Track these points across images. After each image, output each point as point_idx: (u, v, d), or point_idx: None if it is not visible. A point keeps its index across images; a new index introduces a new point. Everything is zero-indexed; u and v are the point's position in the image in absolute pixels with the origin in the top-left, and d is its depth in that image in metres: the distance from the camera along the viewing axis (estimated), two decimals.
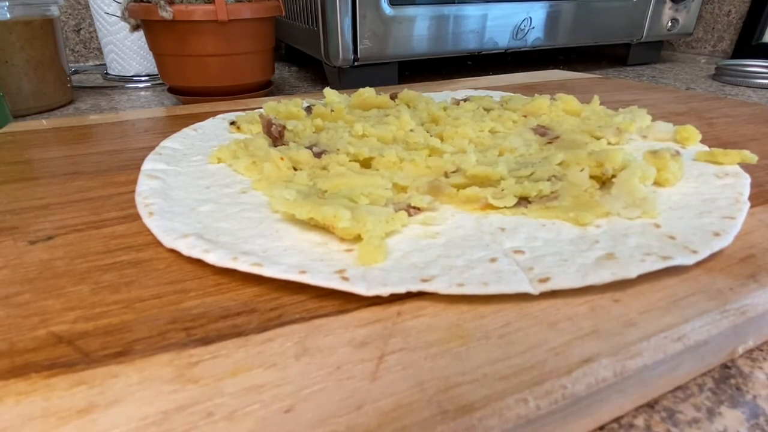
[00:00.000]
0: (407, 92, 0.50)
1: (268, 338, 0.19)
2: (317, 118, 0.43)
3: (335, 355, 0.18)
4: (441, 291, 0.21)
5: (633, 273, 0.21)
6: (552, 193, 0.29)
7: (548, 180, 0.30)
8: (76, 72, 0.92)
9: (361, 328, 0.20)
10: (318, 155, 0.35)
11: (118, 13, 0.68)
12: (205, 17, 0.60)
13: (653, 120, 0.43)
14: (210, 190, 0.32)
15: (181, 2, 0.60)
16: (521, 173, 0.31)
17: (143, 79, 0.85)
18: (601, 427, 0.19)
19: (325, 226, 0.26)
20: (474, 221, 0.28)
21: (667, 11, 0.95)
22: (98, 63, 1.01)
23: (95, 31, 0.92)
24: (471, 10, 0.79)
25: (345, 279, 0.22)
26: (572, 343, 0.18)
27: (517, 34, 0.84)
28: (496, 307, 0.21)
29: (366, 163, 0.34)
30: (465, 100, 0.51)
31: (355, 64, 0.75)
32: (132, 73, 0.85)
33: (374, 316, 0.20)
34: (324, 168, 0.33)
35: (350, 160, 0.34)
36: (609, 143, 0.38)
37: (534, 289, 0.21)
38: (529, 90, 0.63)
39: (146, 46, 0.69)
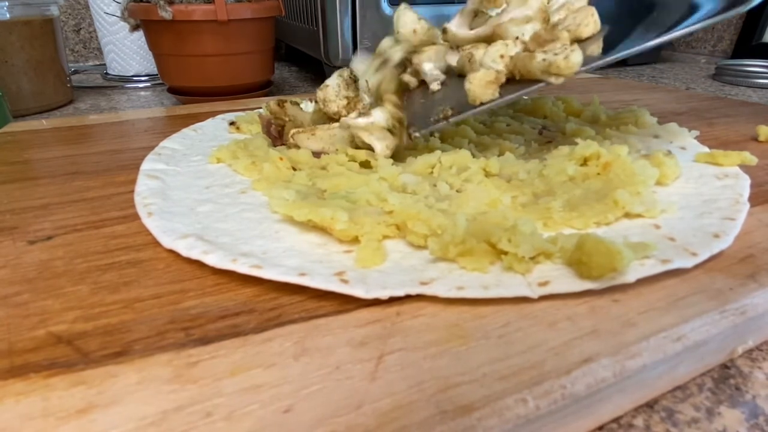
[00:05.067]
0: None
1: (267, 338, 0.19)
2: None
3: (334, 355, 0.18)
4: (440, 294, 0.21)
5: (632, 278, 0.21)
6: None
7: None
8: (76, 72, 0.92)
9: (360, 328, 0.20)
10: (317, 155, 0.35)
11: (118, 13, 0.68)
12: (204, 17, 0.60)
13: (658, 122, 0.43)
14: (209, 191, 0.32)
15: (181, 2, 0.60)
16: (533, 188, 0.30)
17: (143, 79, 0.85)
18: (601, 427, 0.19)
19: (323, 227, 0.26)
20: None
21: None
22: (98, 63, 1.01)
23: (95, 31, 0.92)
24: None
25: (344, 282, 0.22)
26: (572, 343, 0.18)
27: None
28: (495, 307, 0.21)
29: (366, 163, 0.34)
30: None
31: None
32: (132, 73, 0.85)
33: (373, 316, 0.20)
34: (323, 168, 0.33)
35: (349, 160, 0.34)
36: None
37: (533, 293, 0.21)
38: None
39: (146, 46, 0.69)
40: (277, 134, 0.39)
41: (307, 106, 0.39)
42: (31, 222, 0.29)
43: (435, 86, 0.36)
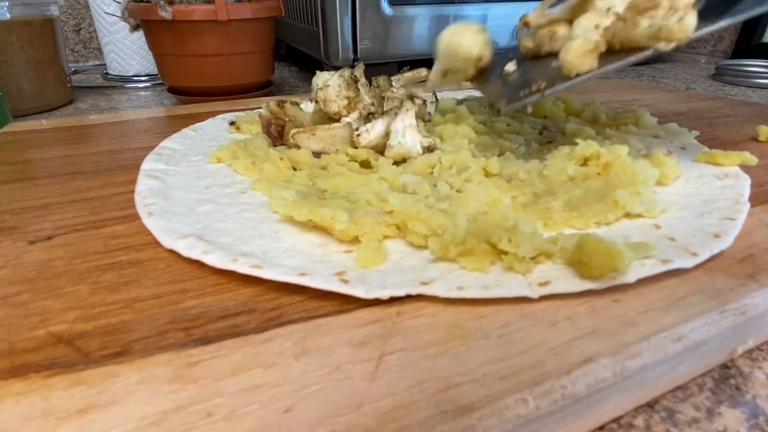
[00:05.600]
0: None
1: (268, 338, 0.19)
2: None
3: (334, 355, 0.18)
4: (441, 294, 0.21)
5: (632, 278, 0.21)
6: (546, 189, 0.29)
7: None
8: (76, 72, 0.92)
9: (360, 328, 0.20)
10: (317, 155, 0.35)
11: (118, 13, 0.68)
12: (204, 17, 0.60)
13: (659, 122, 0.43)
14: (209, 190, 0.32)
15: (181, 2, 0.60)
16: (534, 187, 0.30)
17: (143, 79, 0.85)
18: (601, 427, 0.19)
19: (323, 227, 0.26)
20: None
21: None
22: (98, 63, 1.01)
23: (95, 31, 0.92)
24: (471, 10, 0.79)
25: (344, 281, 0.22)
26: (572, 343, 0.18)
27: (517, 34, 0.84)
28: (495, 307, 0.21)
29: (366, 163, 0.34)
30: (464, 101, 0.51)
31: (355, 64, 0.75)
32: (132, 73, 0.85)
33: (374, 316, 0.20)
34: (323, 168, 0.33)
35: (349, 160, 0.34)
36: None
37: (533, 293, 0.21)
38: None
39: (146, 46, 0.69)
40: (277, 134, 0.39)
41: (307, 106, 0.39)
42: (31, 222, 0.29)
43: (511, 67, 0.36)
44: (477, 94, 0.59)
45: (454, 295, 0.21)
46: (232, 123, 0.46)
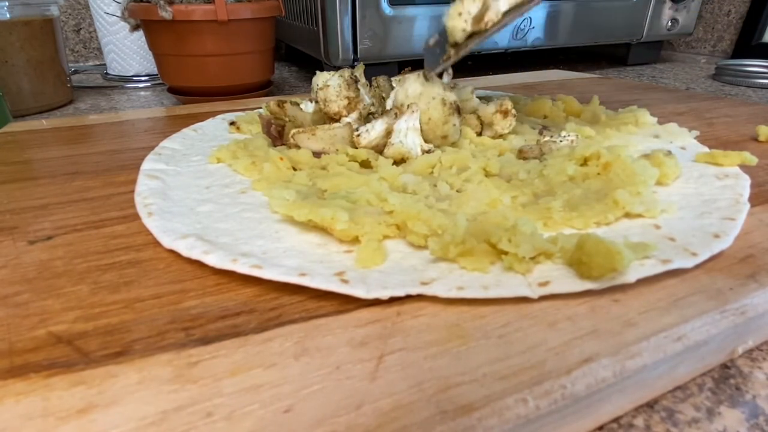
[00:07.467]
0: None
1: (268, 338, 0.19)
2: None
3: (334, 355, 0.18)
4: (441, 294, 0.21)
5: (632, 278, 0.21)
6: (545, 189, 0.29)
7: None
8: (76, 72, 0.92)
9: (360, 328, 0.20)
10: (317, 155, 0.35)
11: (118, 13, 0.68)
12: (204, 17, 0.60)
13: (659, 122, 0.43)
14: (209, 191, 0.32)
15: (181, 2, 0.60)
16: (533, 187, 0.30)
17: (143, 79, 0.85)
18: (601, 427, 0.19)
19: (323, 227, 0.26)
20: None
21: (667, 11, 0.95)
22: (98, 63, 1.01)
23: (95, 31, 0.92)
24: None
25: (345, 282, 0.22)
26: (572, 343, 0.18)
27: (517, 34, 0.84)
28: (495, 307, 0.21)
29: (366, 163, 0.34)
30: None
31: (355, 64, 0.75)
32: (132, 73, 0.85)
33: (373, 316, 0.20)
34: (323, 168, 0.33)
35: (350, 160, 0.34)
36: None
37: (533, 293, 0.21)
38: (529, 90, 0.63)
39: (146, 46, 0.69)
40: (277, 134, 0.39)
41: (307, 106, 0.39)
42: (31, 222, 0.29)
43: (432, 41, 0.41)
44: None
45: (454, 295, 0.21)
46: (232, 123, 0.46)
